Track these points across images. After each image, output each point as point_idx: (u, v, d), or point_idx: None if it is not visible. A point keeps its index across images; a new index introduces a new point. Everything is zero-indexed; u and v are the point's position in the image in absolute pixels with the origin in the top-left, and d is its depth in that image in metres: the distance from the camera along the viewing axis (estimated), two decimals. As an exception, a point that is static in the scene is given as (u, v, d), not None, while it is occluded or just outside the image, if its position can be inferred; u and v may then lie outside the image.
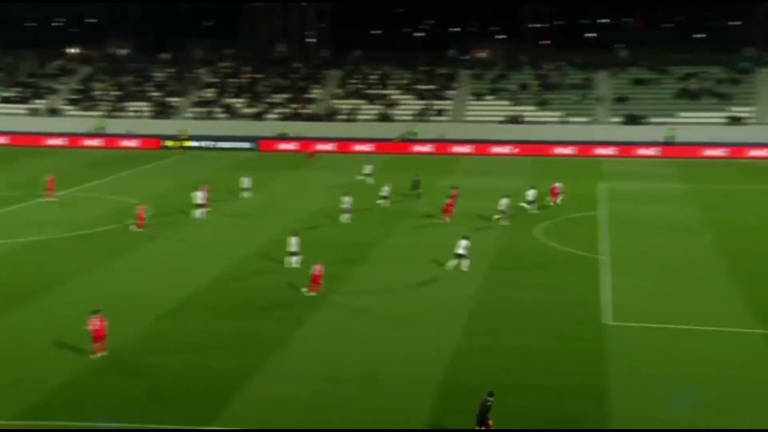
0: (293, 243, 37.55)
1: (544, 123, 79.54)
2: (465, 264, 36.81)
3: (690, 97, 79.89)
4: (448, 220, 46.57)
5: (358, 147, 76.15)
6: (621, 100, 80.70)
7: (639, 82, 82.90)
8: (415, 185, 53.97)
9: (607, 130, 77.51)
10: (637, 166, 67.10)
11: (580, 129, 77.90)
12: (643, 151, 71.96)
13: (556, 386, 25.02)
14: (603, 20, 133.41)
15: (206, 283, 35.27)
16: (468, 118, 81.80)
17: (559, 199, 51.22)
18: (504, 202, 46.50)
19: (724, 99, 78.81)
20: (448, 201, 47.84)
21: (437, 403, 24.19)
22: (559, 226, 46.02)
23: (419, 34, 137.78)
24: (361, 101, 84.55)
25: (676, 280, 35.73)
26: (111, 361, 26.83)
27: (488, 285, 35.11)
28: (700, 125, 76.37)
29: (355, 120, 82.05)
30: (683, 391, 24.74)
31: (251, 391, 24.87)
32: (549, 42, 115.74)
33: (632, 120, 78.04)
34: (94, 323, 27.05)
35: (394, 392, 24.84)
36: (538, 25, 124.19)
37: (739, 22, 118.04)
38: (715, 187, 57.56)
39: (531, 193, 49.35)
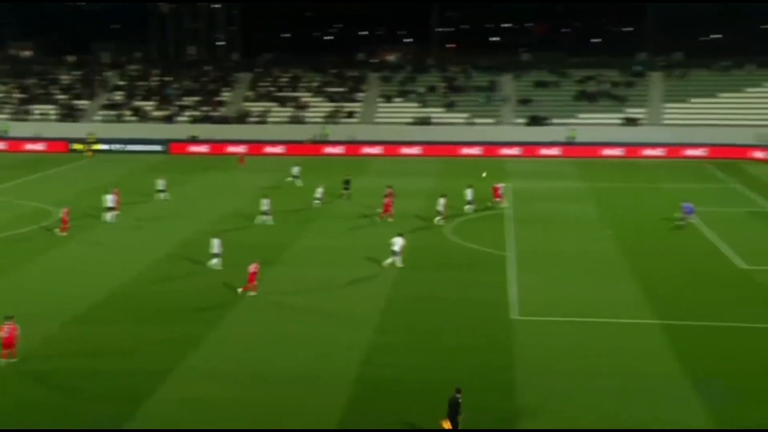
0: (215, 245, 37.19)
1: (452, 124, 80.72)
2: (397, 261, 37.32)
3: (588, 99, 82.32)
4: (389, 219, 46.63)
5: (270, 149, 75.70)
6: (524, 101, 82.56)
7: (541, 84, 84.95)
8: (346, 185, 54.16)
9: (511, 130, 79.13)
10: (540, 165, 68.72)
11: (485, 130, 79.31)
12: (545, 151, 73.74)
13: (466, 381, 25.45)
14: (506, 25, 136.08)
15: (120, 287, 34.56)
16: (377, 120, 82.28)
17: (505, 201, 51.03)
18: (441, 202, 46.67)
19: (619, 101, 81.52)
20: (386, 200, 47.74)
21: (352, 400, 24.34)
22: (467, 224, 46.80)
23: (328, 38, 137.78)
24: (272, 104, 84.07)
25: (578, 275, 36.82)
26: (20, 366, 26.06)
27: (401, 283, 35.46)
28: (597, 126, 78.79)
29: (266, 122, 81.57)
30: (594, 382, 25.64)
31: (167, 393, 24.50)
32: (455, 46, 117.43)
33: (535, 121, 79.91)
34: (5, 329, 26.36)
35: (309, 390, 24.90)
36: (445, 29, 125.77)
37: (632, 28, 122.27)
38: (613, 185, 59.44)
39: (469, 193, 49.45)
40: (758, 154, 69.97)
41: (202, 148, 76.22)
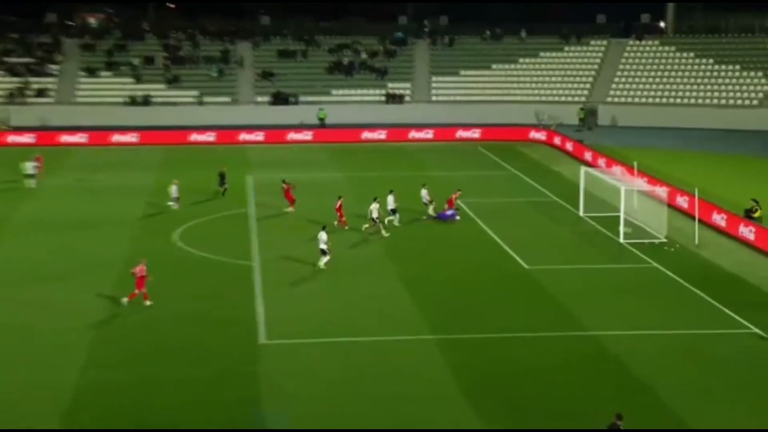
0: None
1: (177, 104, 79.77)
2: (323, 261, 38.82)
3: (343, 72, 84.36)
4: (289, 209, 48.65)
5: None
6: (266, 75, 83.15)
7: (285, 54, 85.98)
8: (222, 179, 52.94)
9: (252, 111, 79.67)
10: (288, 152, 69.40)
11: (220, 111, 79.22)
12: (294, 136, 74.62)
13: (205, 421, 25.32)
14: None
15: None
16: (79, 100, 79.69)
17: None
18: (374, 208, 45.04)
19: (380, 74, 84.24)
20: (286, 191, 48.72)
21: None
22: (203, 228, 46.50)
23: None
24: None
25: (338, 285, 37.58)
26: None
27: (116, 305, 34.61)
28: (356, 104, 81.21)
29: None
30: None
31: None
32: (175, 6, 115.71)
33: (280, 99, 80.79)
34: None
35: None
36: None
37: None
38: (374, 174, 60.93)
39: (390, 200, 47.25)
40: (537, 135, 74.87)
41: None
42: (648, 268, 40.26)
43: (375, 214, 45.07)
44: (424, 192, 49.24)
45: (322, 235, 39.10)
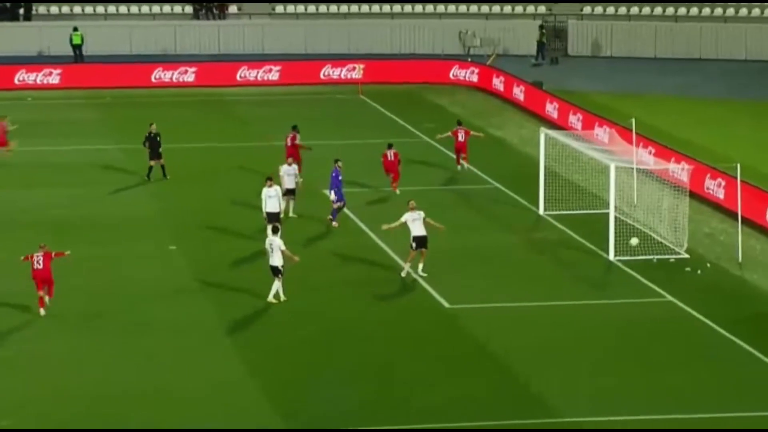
0: None
1: None
2: (276, 287, 39.93)
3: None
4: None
5: None
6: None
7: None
8: (152, 145, 54.13)
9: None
10: (20, 107, 69.11)
11: None
12: (26, 76, 74.94)
13: None
14: None
15: None
16: None
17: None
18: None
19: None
20: None
21: None
22: None
23: None
24: None
25: (118, 346, 36.50)
26: None
27: None
28: (139, 20, 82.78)
29: None
30: None
31: None
32: None
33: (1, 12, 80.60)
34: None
35: None
36: None
37: None
38: (179, 146, 60.34)
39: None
40: (463, 73, 75.55)
41: None
42: (658, 305, 40.45)
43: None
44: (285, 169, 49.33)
45: (273, 240, 39.12)
